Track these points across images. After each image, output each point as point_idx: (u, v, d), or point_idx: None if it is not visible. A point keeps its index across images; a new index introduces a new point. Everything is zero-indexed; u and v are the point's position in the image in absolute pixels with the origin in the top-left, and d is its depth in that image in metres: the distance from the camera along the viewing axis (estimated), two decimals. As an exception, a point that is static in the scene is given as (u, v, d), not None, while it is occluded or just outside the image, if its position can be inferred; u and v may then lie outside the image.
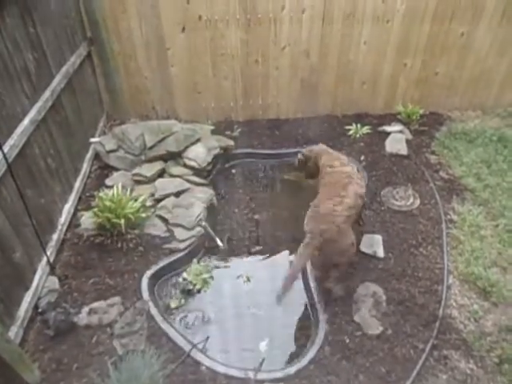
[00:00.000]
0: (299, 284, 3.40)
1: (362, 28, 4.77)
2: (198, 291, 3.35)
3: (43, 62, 3.42)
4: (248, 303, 3.30)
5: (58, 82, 3.59)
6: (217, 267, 3.59)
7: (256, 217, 4.07)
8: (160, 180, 4.14)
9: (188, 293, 3.32)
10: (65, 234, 3.59)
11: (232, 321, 3.18)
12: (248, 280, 3.49)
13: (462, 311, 3.07)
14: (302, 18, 4.64)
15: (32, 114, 3.11)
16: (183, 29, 4.60)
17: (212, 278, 3.46)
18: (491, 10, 4.74)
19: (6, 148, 2.71)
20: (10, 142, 2.79)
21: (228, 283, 3.48)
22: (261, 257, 3.72)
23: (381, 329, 2.93)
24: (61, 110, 3.72)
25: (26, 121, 3.02)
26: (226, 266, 3.63)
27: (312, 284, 3.26)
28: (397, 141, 4.82)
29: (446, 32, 4.87)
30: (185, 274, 3.42)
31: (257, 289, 3.42)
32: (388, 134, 4.96)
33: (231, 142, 4.75)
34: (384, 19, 4.73)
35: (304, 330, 3.08)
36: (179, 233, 3.65)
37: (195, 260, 3.56)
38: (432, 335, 2.90)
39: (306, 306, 3.25)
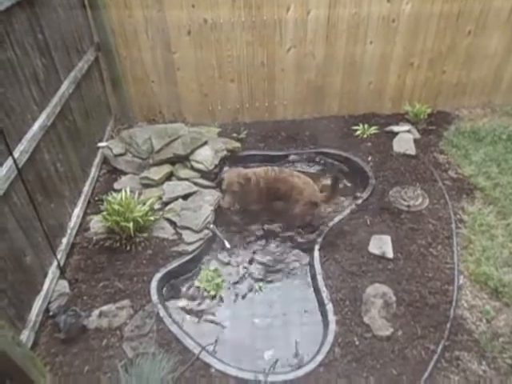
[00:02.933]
0: (309, 286, 3.40)
1: (367, 28, 4.76)
2: (213, 297, 3.34)
3: (51, 67, 3.46)
4: (258, 303, 3.30)
5: (66, 87, 3.63)
6: (226, 269, 3.58)
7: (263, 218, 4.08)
8: (168, 183, 4.16)
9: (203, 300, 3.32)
10: (74, 238, 3.61)
11: (243, 323, 3.18)
12: (258, 280, 3.49)
13: (473, 312, 3.04)
14: (307, 20, 4.64)
15: (41, 119, 3.14)
16: (189, 32, 4.63)
17: (224, 281, 3.45)
18: (498, 7, 4.70)
19: (16, 154, 2.74)
20: (20, 147, 2.82)
21: (239, 285, 3.47)
22: (268, 257, 3.71)
23: (391, 330, 2.90)
24: (69, 115, 3.76)
25: (36, 126, 3.06)
26: (235, 268, 3.61)
27: (322, 286, 3.25)
28: (404, 140, 4.79)
29: (452, 30, 4.84)
30: (196, 282, 3.41)
31: (266, 289, 3.42)
32: (395, 133, 4.93)
33: (238, 144, 4.76)
34: (390, 19, 4.71)
35: (314, 331, 3.06)
36: (187, 235, 3.66)
37: (204, 266, 3.56)
38: (443, 336, 2.86)
39: (315, 307, 3.24)
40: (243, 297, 3.37)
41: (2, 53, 2.74)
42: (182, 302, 3.29)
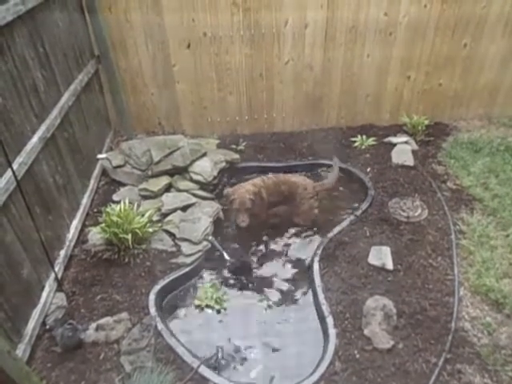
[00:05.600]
0: (309, 299, 3.37)
1: (364, 41, 4.82)
2: (218, 311, 3.28)
3: (52, 80, 3.48)
4: (257, 318, 3.26)
5: (66, 99, 3.65)
6: (225, 282, 3.55)
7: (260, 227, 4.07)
8: (167, 195, 4.15)
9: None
10: (72, 250, 3.59)
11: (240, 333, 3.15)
12: (256, 290, 3.46)
13: (474, 324, 3.01)
14: (305, 33, 4.70)
15: (41, 131, 3.15)
16: (188, 45, 4.68)
17: (224, 294, 3.40)
18: (494, 20, 4.77)
19: (15, 165, 2.74)
20: (19, 159, 2.82)
21: (239, 296, 3.45)
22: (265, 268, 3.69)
23: (392, 343, 2.87)
24: (69, 127, 3.77)
25: (35, 138, 3.06)
26: (234, 280, 3.59)
27: (321, 298, 3.22)
28: (403, 152, 4.80)
29: (448, 43, 4.90)
30: (196, 301, 3.32)
31: (265, 304, 3.38)
32: (394, 145, 4.95)
33: (237, 156, 4.77)
34: (387, 32, 4.78)
35: (314, 344, 3.03)
36: (186, 247, 3.64)
37: (201, 284, 3.49)
38: (445, 349, 2.83)
39: (315, 320, 3.20)
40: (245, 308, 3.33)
41: (3, 65, 2.77)
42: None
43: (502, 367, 2.73)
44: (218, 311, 3.28)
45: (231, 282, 3.56)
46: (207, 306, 3.29)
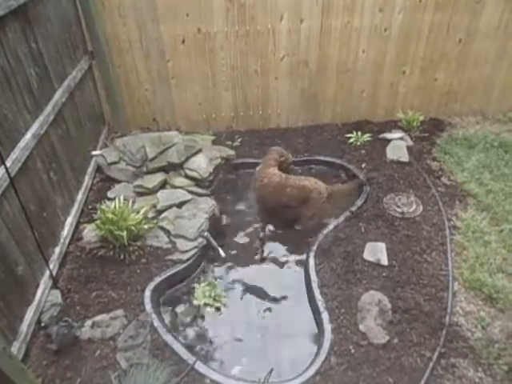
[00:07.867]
0: (304, 295, 3.39)
1: (360, 37, 4.81)
2: (218, 309, 3.28)
3: (45, 76, 3.45)
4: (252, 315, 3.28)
5: (59, 95, 3.62)
6: (221, 279, 3.56)
7: (256, 225, 4.07)
8: (162, 191, 4.14)
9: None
10: (67, 247, 3.58)
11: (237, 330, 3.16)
12: (250, 287, 3.48)
13: (468, 318, 3.04)
14: (300, 29, 4.69)
15: (34, 128, 3.13)
16: (183, 41, 4.65)
17: (222, 291, 3.39)
18: (489, 16, 4.78)
19: (8, 162, 2.71)
20: (13, 156, 2.80)
21: (236, 294, 3.47)
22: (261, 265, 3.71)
23: (387, 338, 2.89)
24: (62, 123, 3.74)
25: (29, 135, 3.04)
26: (230, 277, 3.60)
27: (317, 294, 3.23)
28: (398, 148, 4.82)
29: (443, 39, 4.90)
30: (195, 301, 3.29)
31: (259, 298, 3.41)
32: (389, 141, 4.96)
33: (232, 152, 4.76)
34: (382, 28, 4.77)
35: (309, 339, 3.05)
36: (181, 244, 3.64)
37: (197, 284, 3.44)
38: (439, 343, 2.86)
39: (310, 315, 3.22)
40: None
41: (-5, 61, 2.74)
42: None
43: (496, 361, 2.76)
44: (218, 308, 3.28)
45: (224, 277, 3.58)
46: (205, 305, 3.28)
